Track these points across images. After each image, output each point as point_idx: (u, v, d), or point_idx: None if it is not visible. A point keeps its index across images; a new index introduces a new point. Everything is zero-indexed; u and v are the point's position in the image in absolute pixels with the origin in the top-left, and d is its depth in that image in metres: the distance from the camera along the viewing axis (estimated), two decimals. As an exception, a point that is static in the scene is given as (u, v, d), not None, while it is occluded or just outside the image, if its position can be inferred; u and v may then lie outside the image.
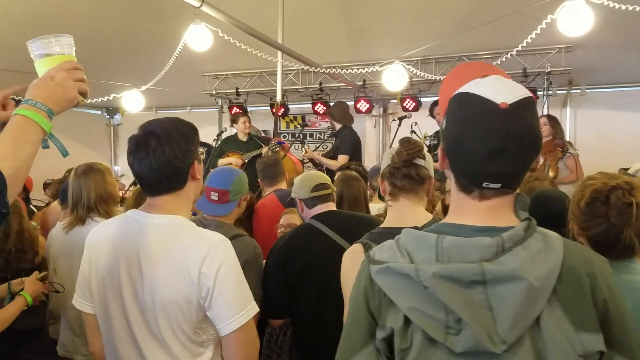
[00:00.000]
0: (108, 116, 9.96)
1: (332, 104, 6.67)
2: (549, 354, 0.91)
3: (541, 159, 5.29)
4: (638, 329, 0.98)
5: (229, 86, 7.68)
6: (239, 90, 7.55)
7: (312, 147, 6.69)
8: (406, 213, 1.82)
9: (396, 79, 5.73)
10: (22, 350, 2.66)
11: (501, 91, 0.98)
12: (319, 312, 2.27)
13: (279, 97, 5.69)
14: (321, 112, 7.36)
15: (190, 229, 1.53)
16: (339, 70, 5.73)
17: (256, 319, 1.55)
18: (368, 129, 8.35)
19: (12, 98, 1.35)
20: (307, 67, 5.97)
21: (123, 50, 6.15)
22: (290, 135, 8.54)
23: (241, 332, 1.47)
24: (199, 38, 4.67)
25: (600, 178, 1.58)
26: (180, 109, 9.03)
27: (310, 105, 7.48)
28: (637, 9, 3.95)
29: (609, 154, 6.41)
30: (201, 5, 4.04)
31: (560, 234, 1.01)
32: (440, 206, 2.89)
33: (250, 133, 5.93)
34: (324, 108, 7.21)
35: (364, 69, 5.78)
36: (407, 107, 6.83)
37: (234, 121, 6.03)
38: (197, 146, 1.59)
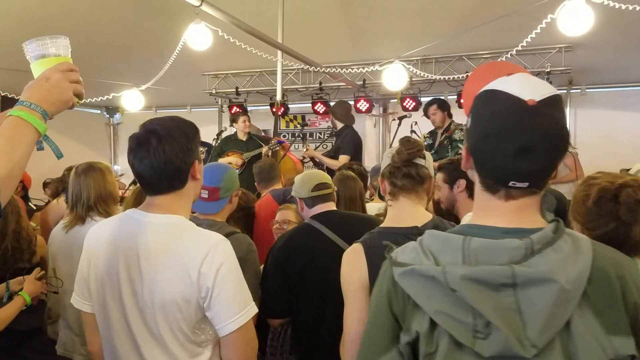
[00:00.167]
0: (108, 115, 9.95)
1: (334, 102, 6.66)
2: (579, 358, 0.89)
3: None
4: None
5: (228, 85, 7.66)
6: (239, 90, 7.53)
7: (312, 147, 6.68)
8: (406, 212, 1.82)
9: (396, 78, 5.71)
10: (21, 349, 2.65)
11: (528, 88, 0.96)
12: (319, 312, 2.26)
13: (279, 97, 5.68)
14: (321, 111, 7.35)
15: (190, 229, 1.53)
16: (339, 69, 5.72)
17: (254, 318, 1.55)
18: (368, 129, 8.35)
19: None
20: (307, 66, 5.95)
21: (123, 49, 6.14)
22: (290, 134, 8.54)
23: (240, 333, 1.47)
24: (198, 37, 4.65)
25: (604, 177, 1.57)
26: (180, 109, 9.02)
27: (310, 105, 7.46)
28: (638, 8, 3.94)
29: (610, 154, 6.41)
30: (201, 5, 4.03)
31: None
32: (432, 205, 2.81)
33: (250, 132, 5.91)
34: (324, 108, 7.21)
35: (364, 68, 5.76)
36: (407, 106, 6.83)
37: (233, 120, 6.00)
38: (197, 145, 1.59)
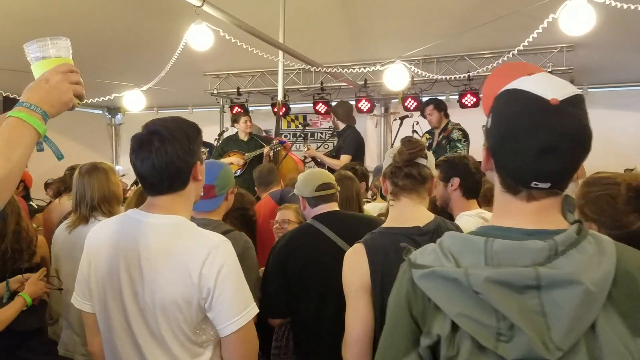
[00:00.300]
0: (109, 116, 9.95)
1: (336, 102, 6.66)
2: None
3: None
4: None
5: (230, 86, 7.66)
6: (240, 90, 7.54)
7: (313, 147, 6.68)
8: (408, 212, 1.82)
9: (397, 78, 5.71)
10: (21, 350, 2.65)
11: (551, 88, 0.95)
12: (319, 313, 2.27)
13: (280, 97, 5.67)
14: (322, 111, 7.35)
15: (191, 230, 1.53)
16: (340, 69, 5.72)
17: (254, 317, 1.54)
18: (369, 129, 8.34)
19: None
20: (309, 66, 5.95)
21: (124, 50, 6.15)
22: (292, 134, 8.54)
23: (241, 333, 1.47)
24: (200, 37, 4.65)
25: (618, 176, 1.53)
26: (181, 109, 9.02)
27: (311, 105, 7.47)
28: (639, 8, 3.94)
29: (610, 154, 6.36)
30: (202, 5, 4.03)
31: None
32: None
33: (251, 133, 5.91)
34: (325, 108, 7.21)
35: (365, 68, 5.76)
36: (409, 106, 6.82)
37: (235, 121, 6.00)
38: (199, 146, 1.58)
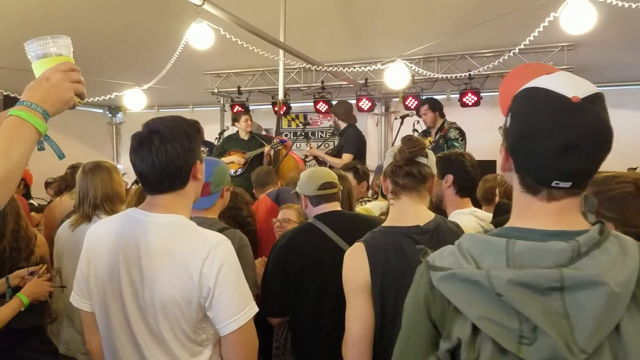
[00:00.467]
0: (110, 115, 9.96)
1: (335, 102, 6.65)
2: None
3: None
4: None
5: (230, 85, 7.66)
6: (241, 89, 7.54)
7: (314, 145, 6.68)
8: (408, 211, 1.81)
9: (398, 77, 5.70)
10: (21, 349, 2.65)
11: (571, 86, 0.94)
12: (317, 312, 2.26)
13: (280, 96, 5.67)
14: (323, 110, 7.35)
15: (191, 229, 1.53)
16: (341, 68, 5.71)
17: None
18: (370, 128, 8.33)
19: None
20: (309, 65, 5.95)
21: (125, 48, 6.14)
22: (292, 133, 8.54)
23: (241, 332, 1.47)
24: (200, 36, 4.65)
25: (627, 175, 1.51)
26: (182, 108, 9.02)
27: (312, 104, 7.47)
28: (640, 6, 3.93)
29: (611, 153, 6.37)
30: (203, 4, 4.03)
31: None
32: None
33: (252, 132, 5.90)
34: (326, 106, 7.21)
35: (366, 67, 5.75)
36: (409, 105, 6.83)
37: (235, 120, 5.99)
38: (199, 145, 1.58)
